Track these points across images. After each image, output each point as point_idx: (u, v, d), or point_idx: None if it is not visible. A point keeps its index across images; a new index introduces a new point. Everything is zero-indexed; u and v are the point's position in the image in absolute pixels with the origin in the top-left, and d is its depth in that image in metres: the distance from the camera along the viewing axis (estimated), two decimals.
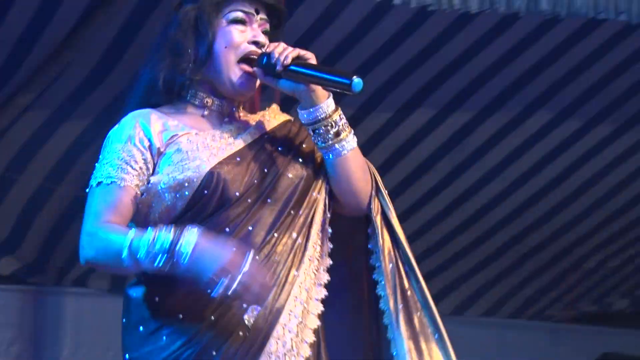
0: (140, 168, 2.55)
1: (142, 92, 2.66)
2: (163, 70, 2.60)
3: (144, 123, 2.57)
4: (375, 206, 2.69)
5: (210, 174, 2.51)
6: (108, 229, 2.47)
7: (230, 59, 2.62)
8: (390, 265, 2.64)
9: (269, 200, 2.57)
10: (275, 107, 2.79)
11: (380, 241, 2.67)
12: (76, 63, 5.68)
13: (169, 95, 2.64)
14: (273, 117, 2.74)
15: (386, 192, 2.73)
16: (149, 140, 2.56)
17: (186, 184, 2.50)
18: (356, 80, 2.50)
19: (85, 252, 2.50)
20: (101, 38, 5.60)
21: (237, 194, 2.52)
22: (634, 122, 6.86)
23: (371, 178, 2.71)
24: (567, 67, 6.35)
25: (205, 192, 2.51)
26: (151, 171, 2.55)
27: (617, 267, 7.87)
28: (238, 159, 2.57)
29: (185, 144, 2.56)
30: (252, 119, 2.71)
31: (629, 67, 6.37)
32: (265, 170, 2.58)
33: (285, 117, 2.77)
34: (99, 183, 2.54)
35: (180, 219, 2.51)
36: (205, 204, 2.51)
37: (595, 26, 5.73)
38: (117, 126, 2.61)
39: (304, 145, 2.68)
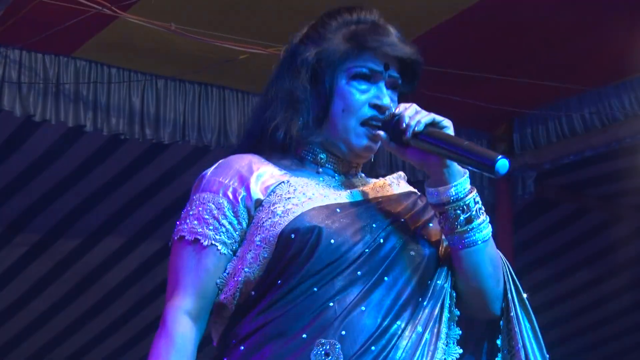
0: (231, 222, 2.12)
1: (247, 139, 2.24)
2: (273, 121, 2.18)
3: (243, 173, 2.14)
4: (507, 309, 2.20)
5: (302, 216, 2.07)
6: (171, 347, 2.11)
7: (349, 123, 2.16)
8: None
9: (385, 279, 2.09)
10: (402, 174, 2.33)
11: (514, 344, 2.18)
12: None
13: (278, 147, 2.20)
14: (396, 184, 2.28)
15: (526, 295, 2.23)
16: (246, 190, 2.12)
17: (272, 229, 2.07)
18: (501, 161, 2.01)
19: (156, 334, 2.14)
20: None
21: (339, 254, 2.07)
22: None
23: (504, 276, 2.20)
24: None
25: (292, 235, 2.05)
26: (245, 225, 2.12)
27: None
28: (338, 210, 2.12)
29: (280, 187, 2.13)
30: (371, 181, 2.27)
31: None
32: (381, 240, 2.11)
33: (410, 188, 2.29)
34: (182, 238, 2.13)
35: (267, 281, 2.07)
36: (295, 258, 2.05)
37: None
38: (212, 171, 2.17)
39: (430, 225, 2.19)
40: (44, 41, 5.01)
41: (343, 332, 2.05)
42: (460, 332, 2.17)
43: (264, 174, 2.14)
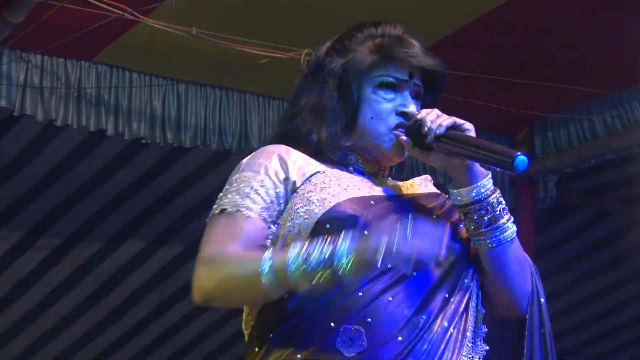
0: (272, 202, 2.14)
1: (277, 141, 2.27)
2: (304, 127, 2.24)
3: (282, 156, 2.19)
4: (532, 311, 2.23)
5: (337, 205, 2.12)
6: (233, 252, 2.08)
7: (380, 130, 2.23)
8: None
9: (414, 273, 2.13)
10: (428, 177, 2.37)
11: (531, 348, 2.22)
12: None
13: (310, 149, 2.24)
14: (424, 185, 2.33)
15: (544, 299, 2.26)
16: (285, 173, 2.17)
17: (307, 217, 2.12)
18: (520, 157, 2.04)
19: (202, 284, 2.08)
20: None
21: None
22: None
23: (531, 277, 2.24)
24: None
25: (328, 225, 2.09)
26: (282, 208, 2.15)
27: None
28: (372, 202, 2.17)
29: (317, 176, 2.18)
30: (398, 182, 2.32)
31: None
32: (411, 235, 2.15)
33: (436, 190, 2.34)
34: (222, 211, 2.13)
35: None
36: None
37: None
38: (251, 156, 2.23)
39: (461, 226, 2.23)
40: (65, 46, 5.03)
41: (368, 319, 2.08)
42: (487, 329, 2.21)
43: (300, 160, 2.20)
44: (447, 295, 2.16)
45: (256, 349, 2.14)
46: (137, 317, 7.20)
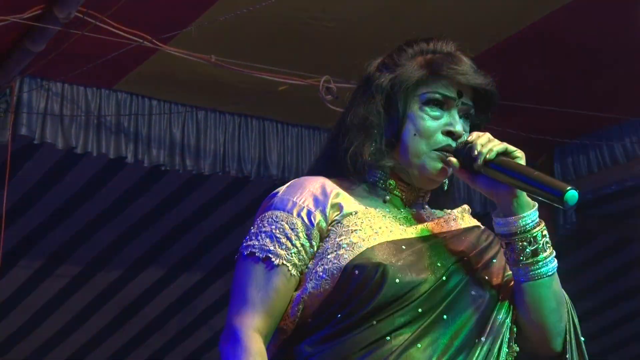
0: (302, 245, 2.11)
1: (320, 162, 2.27)
2: (347, 147, 2.19)
3: (317, 195, 2.15)
4: (564, 351, 2.17)
5: (367, 251, 2.07)
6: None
7: (422, 148, 2.17)
8: None
9: (445, 317, 2.09)
10: (466, 207, 2.32)
11: None
12: None
13: (349, 172, 2.20)
14: (460, 218, 2.27)
15: (583, 339, 2.22)
16: (320, 213, 2.14)
17: (335, 262, 2.07)
18: (570, 192, 2.00)
19: (221, 345, 2.14)
20: None
21: (403, 292, 2.06)
22: None
23: (568, 315, 2.19)
24: None
25: (356, 272, 2.04)
26: (315, 249, 2.12)
27: None
28: (404, 247, 2.11)
29: (349, 218, 2.13)
30: (437, 214, 2.27)
31: None
32: (444, 278, 2.11)
33: (474, 222, 2.29)
34: (252, 254, 2.11)
35: (326, 313, 2.07)
36: (357, 294, 2.05)
37: None
38: (285, 190, 2.18)
39: (494, 261, 2.20)
40: (85, 74, 5.06)
41: None
42: None
43: (336, 201, 2.15)
44: (476, 340, 2.10)
45: None
46: (157, 345, 7.20)
